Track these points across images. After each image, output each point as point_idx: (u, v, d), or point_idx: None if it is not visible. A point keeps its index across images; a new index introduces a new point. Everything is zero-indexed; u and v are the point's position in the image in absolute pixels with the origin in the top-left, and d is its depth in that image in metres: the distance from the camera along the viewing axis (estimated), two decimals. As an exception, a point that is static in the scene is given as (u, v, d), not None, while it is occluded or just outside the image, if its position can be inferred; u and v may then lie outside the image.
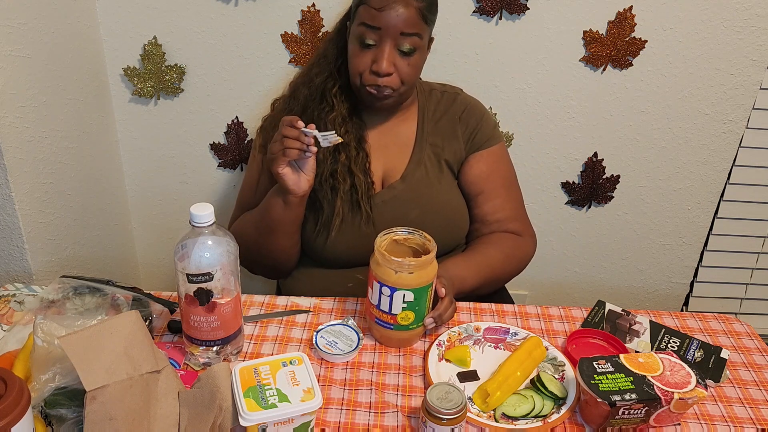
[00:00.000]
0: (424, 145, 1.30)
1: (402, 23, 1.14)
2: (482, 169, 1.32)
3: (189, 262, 0.92)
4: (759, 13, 1.50)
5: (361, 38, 1.17)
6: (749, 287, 1.89)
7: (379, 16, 1.14)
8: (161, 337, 1.07)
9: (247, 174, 1.36)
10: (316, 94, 1.27)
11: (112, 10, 1.50)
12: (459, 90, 1.38)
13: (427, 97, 1.34)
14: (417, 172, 1.29)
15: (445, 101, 1.34)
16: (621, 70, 1.57)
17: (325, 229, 1.25)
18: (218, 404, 0.83)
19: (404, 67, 1.18)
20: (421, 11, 1.16)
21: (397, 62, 1.17)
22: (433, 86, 1.37)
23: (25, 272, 1.35)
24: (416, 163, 1.29)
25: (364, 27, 1.16)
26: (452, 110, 1.33)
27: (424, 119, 1.32)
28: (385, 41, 1.15)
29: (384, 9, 1.14)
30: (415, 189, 1.28)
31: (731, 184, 1.73)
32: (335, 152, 1.24)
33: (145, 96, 1.58)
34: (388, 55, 1.16)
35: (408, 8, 1.14)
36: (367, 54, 1.17)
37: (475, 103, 1.36)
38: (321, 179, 1.24)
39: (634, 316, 1.16)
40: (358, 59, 1.18)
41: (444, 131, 1.32)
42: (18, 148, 1.25)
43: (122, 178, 1.71)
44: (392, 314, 1.02)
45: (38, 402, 0.84)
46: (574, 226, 1.79)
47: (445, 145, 1.31)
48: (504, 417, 0.94)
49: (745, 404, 1.00)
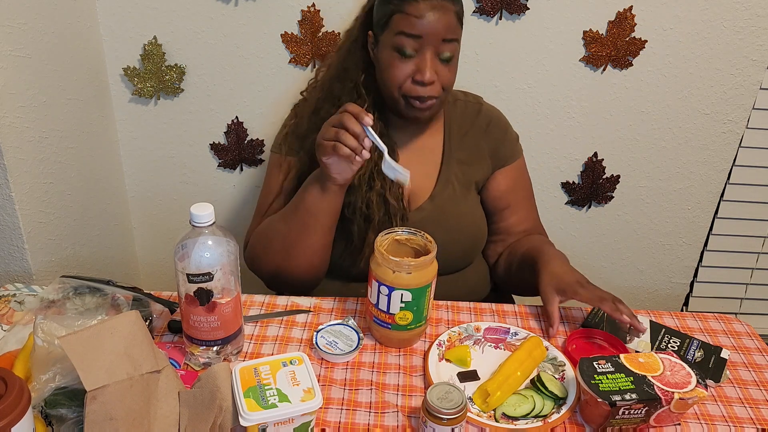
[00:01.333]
0: (451, 162, 1.28)
1: (443, 29, 1.11)
2: (508, 184, 1.32)
3: (189, 262, 0.92)
4: (759, 13, 1.50)
5: (400, 48, 1.13)
6: (749, 287, 1.89)
7: (419, 23, 1.10)
8: (161, 337, 1.07)
9: (269, 182, 1.31)
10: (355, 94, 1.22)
11: (112, 10, 1.50)
12: (480, 99, 1.36)
13: (452, 108, 1.31)
14: (445, 192, 1.27)
15: (470, 113, 1.32)
16: (621, 70, 1.57)
17: (351, 257, 1.22)
18: (218, 404, 0.83)
19: (445, 74, 1.15)
20: (458, 15, 1.14)
21: (438, 70, 1.14)
22: (456, 95, 1.34)
23: (25, 272, 1.35)
24: (444, 182, 1.27)
25: (403, 36, 1.12)
26: (477, 124, 1.31)
27: (451, 134, 1.29)
28: (426, 49, 1.12)
29: (424, 16, 1.10)
30: (443, 209, 1.26)
31: (731, 184, 1.73)
32: (370, 179, 1.20)
33: (145, 96, 1.58)
34: (431, 63, 1.12)
35: (447, 13, 1.11)
36: (407, 64, 1.13)
37: (498, 115, 1.35)
38: (354, 208, 1.19)
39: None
40: (396, 70, 1.14)
41: (469, 146, 1.30)
42: (18, 148, 1.25)
43: (122, 178, 1.71)
44: (390, 314, 1.02)
45: (38, 402, 0.84)
46: (574, 226, 1.79)
47: (470, 161, 1.29)
48: (504, 417, 0.94)
49: (745, 404, 1.00)
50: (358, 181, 1.19)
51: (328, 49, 1.53)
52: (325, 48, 1.53)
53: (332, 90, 1.25)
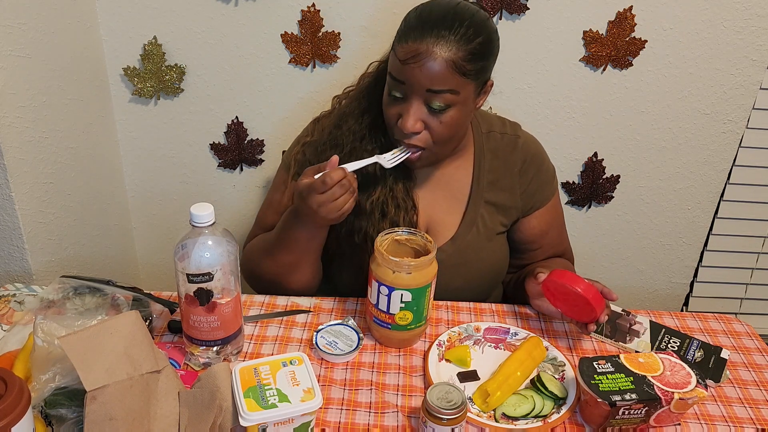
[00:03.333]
0: (478, 202, 1.17)
1: (427, 80, 0.97)
2: (542, 227, 1.24)
3: (189, 262, 0.92)
4: (759, 13, 1.50)
5: (389, 89, 1.03)
6: (749, 287, 1.89)
7: (403, 69, 0.98)
8: (161, 337, 1.07)
9: (273, 196, 1.25)
10: (365, 131, 1.13)
11: (112, 10, 1.49)
12: (518, 129, 1.24)
13: (485, 141, 1.18)
14: (468, 235, 1.17)
15: (504, 148, 1.19)
16: (621, 70, 1.57)
17: (362, 288, 1.10)
18: (218, 404, 0.83)
19: (436, 126, 1.01)
20: (456, 64, 0.97)
21: (426, 120, 1.01)
22: (492, 125, 1.21)
23: (25, 272, 1.35)
24: (469, 223, 1.17)
25: (390, 78, 1.02)
26: (511, 161, 1.19)
27: (481, 171, 1.17)
28: (411, 96, 1.00)
29: (408, 62, 0.97)
30: (464, 254, 1.17)
31: (731, 184, 1.73)
32: (384, 205, 1.11)
33: (145, 96, 1.58)
34: (414, 113, 1.00)
35: (436, 62, 0.95)
36: (395, 107, 1.03)
37: (534, 151, 1.23)
38: (365, 237, 1.11)
39: (634, 316, 1.16)
40: (387, 110, 1.05)
41: (501, 186, 1.19)
42: (18, 148, 1.25)
43: (122, 178, 1.71)
44: (390, 314, 1.02)
45: (38, 402, 0.84)
46: (574, 226, 1.79)
47: (500, 203, 1.19)
48: (504, 417, 0.94)
49: (745, 404, 1.00)
50: (371, 207, 1.11)
51: (328, 49, 1.53)
52: (325, 48, 1.53)
53: (360, 104, 1.15)
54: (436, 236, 1.18)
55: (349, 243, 1.14)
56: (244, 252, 1.24)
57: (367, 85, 1.16)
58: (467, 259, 1.18)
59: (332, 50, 1.53)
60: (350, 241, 1.14)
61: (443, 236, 1.18)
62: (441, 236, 1.18)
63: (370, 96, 1.14)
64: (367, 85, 1.16)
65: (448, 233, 1.18)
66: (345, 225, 1.13)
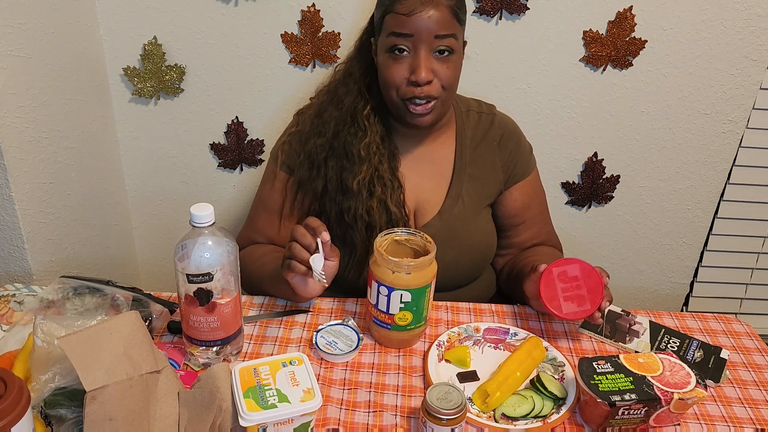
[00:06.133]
0: (462, 176, 1.23)
1: (435, 25, 1.06)
2: (523, 200, 1.28)
3: (189, 262, 0.92)
4: (759, 13, 1.50)
5: (393, 48, 1.09)
6: (749, 287, 1.89)
7: (409, 21, 1.06)
8: (161, 338, 1.07)
9: (263, 191, 1.28)
10: (347, 116, 1.19)
11: (112, 10, 1.50)
12: (494, 108, 1.31)
13: (465, 119, 1.26)
14: (455, 209, 1.22)
15: (483, 125, 1.27)
16: (621, 70, 1.57)
17: (357, 268, 1.19)
18: (218, 404, 0.83)
19: (444, 71, 1.10)
20: (453, 9, 1.09)
21: (435, 67, 1.09)
22: (470, 105, 1.29)
23: (25, 272, 1.35)
24: (454, 197, 1.22)
25: (394, 36, 1.09)
26: (490, 136, 1.26)
27: (463, 146, 1.25)
28: (420, 47, 1.08)
29: (414, 13, 1.06)
30: (452, 227, 1.21)
31: (731, 184, 1.73)
32: (370, 185, 1.17)
33: (145, 96, 1.58)
34: (425, 61, 1.08)
35: (439, 8, 1.07)
36: (402, 65, 1.10)
37: (512, 127, 1.30)
38: (355, 215, 1.16)
39: (633, 316, 1.16)
40: (391, 71, 1.11)
41: (482, 161, 1.25)
42: (18, 148, 1.25)
43: (122, 178, 1.71)
44: (390, 314, 1.02)
45: (38, 402, 0.84)
46: (574, 226, 1.79)
47: (483, 176, 1.25)
48: (504, 417, 0.94)
49: (744, 404, 1.00)
50: (358, 186, 1.17)
51: (328, 49, 1.53)
52: (325, 48, 1.53)
53: (337, 93, 1.22)
54: (424, 212, 1.23)
55: (339, 222, 1.19)
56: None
57: (343, 73, 1.24)
58: (456, 233, 1.22)
59: (332, 50, 1.53)
60: (341, 221, 1.19)
61: (430, 212, 1.23)
62: (428, 212, 1.23)
63: (348, 85, 1.22)
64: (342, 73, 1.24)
65: (434, 209, 1.23)
66: (335, 206, 1.19)
